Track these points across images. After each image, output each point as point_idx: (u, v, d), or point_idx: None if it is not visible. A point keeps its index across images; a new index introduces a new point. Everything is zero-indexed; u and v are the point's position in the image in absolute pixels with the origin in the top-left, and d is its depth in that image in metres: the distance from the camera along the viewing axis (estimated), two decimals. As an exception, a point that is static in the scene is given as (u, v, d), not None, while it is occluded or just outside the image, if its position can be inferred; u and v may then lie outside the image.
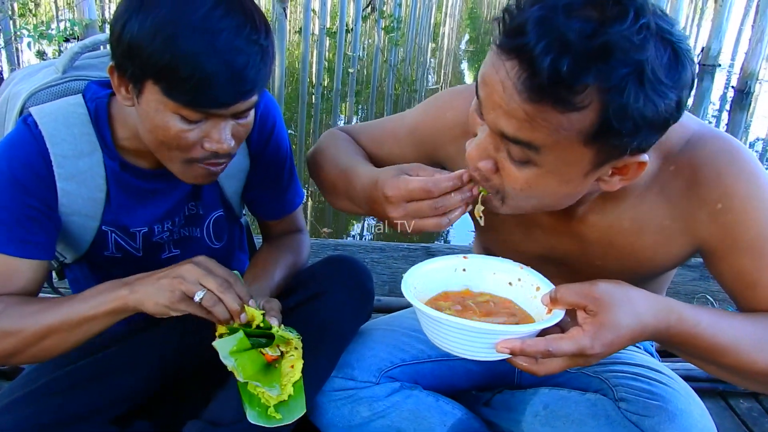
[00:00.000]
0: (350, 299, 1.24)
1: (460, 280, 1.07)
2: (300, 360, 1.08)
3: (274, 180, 1.34)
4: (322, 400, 1.26)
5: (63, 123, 1.11)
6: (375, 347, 1.30)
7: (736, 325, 0.91)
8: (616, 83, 0.75)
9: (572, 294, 0.86)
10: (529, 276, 1.03)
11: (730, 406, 1.73)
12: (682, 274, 2.39)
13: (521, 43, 0.76)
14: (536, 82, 0.76)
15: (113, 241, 1.21)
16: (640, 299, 0.85)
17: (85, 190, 1.14)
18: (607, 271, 1.09)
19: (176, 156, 1.04)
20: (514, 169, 0.87)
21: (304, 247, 1.40)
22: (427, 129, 1.22)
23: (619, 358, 1.28)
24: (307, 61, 9.89)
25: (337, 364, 1.26)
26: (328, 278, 1.24)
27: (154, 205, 1.22)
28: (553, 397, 1.24)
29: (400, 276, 1.01)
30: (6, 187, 1.07)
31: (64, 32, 6.66)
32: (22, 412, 1.11)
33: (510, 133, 0.83)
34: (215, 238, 1.33)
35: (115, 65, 1.00)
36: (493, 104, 0.83)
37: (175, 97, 0.95)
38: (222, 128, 1.01)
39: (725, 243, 0.99)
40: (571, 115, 0.78)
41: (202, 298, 1.01)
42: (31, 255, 1.09)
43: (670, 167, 0.99)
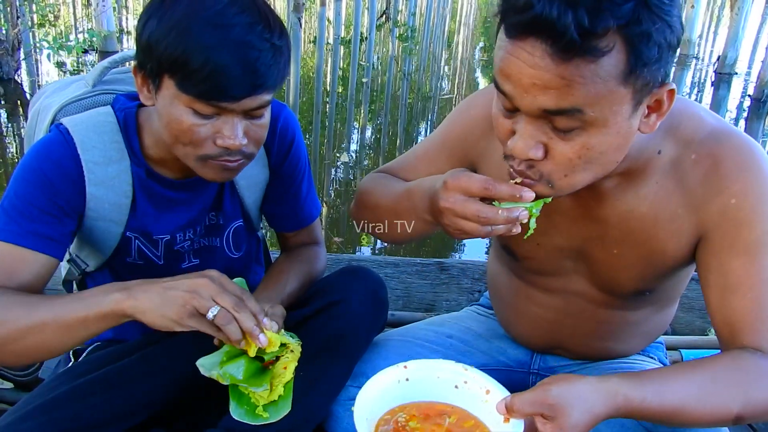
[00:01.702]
0: (366, 308, 1.25)
1: (405, 393, 1.04)
2: (294, 362, 1.08)
3: (292, 193, 1.36)
4: (338, 409, 1.26)
5: (93, 130, 1.14)
6: (390, 357, 1.31)
7: (680, 388, 0.92)
8: (631, 16, 0.78)
9: (528, 404, 0.89)
10: (476, 377, 1.02)
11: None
12: (696, 290, 2.37)
13: (535, 17, 0.78)
14: (563, 44, 0.78)
15: (136, 247, 1.23)
16: (589, 393, 0.88)
17: (112, 195, 1.17)
18: (623, 261, 1.10)
19: (190, 152, 1.06)
20: (564, 143, 0.88)
21: (320, 260, 1.42)
22: (456, 134, 1.23)
23: (633, 368, 1.29)
24: (322, 70, 9.95)
25: (352, 373, 1.27)
26: (344, 287, 1.25)
27: (177, 214, 1.24)
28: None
29: (414, 291, 1.01)
30: (34, 182, 1.10)
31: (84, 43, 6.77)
32: (41, 419, 1.11)
33: (552, 106, 0.84)
34: (234, 248, 1.35)
35: (137, 64, 1.05)
36: (525, 88, 0.84)
37: (188, 89, 0.99)
38: (233, 124, 1.03)
39: (726, 239, 1.00)
40: (603, 60, 0.80)
41: (215, 316, 0.99)
42: (45, 249, 1.10)
43: (692, 156, 1.01)
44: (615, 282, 1.15)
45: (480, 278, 2.35)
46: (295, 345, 1.09)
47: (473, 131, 1.20)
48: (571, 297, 1.22)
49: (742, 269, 0.98)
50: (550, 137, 0.88)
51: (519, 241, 1.18)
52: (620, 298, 1.19)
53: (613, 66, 0.80)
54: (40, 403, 1.15)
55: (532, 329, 1.32)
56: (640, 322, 1.26)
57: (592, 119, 0.84)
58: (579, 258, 1.16)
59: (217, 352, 1.04)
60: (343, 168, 5.39)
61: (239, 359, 1.07)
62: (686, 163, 1.01)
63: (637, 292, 1.16)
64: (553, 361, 1.38)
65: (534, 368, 1.39)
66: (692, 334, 2.21)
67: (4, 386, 1.57)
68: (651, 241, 1.07)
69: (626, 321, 1.25)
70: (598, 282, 1.18)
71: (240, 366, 1.06)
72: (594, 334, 1.27)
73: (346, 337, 1.22)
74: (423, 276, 2.33)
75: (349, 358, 1.25)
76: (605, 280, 1.16)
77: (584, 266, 1.17)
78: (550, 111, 0.85)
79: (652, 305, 1.24)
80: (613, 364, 1.32)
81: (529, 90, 0.84)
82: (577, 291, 1.21)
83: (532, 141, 0.88)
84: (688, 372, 0.95)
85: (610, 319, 1.23)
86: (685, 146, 1.01)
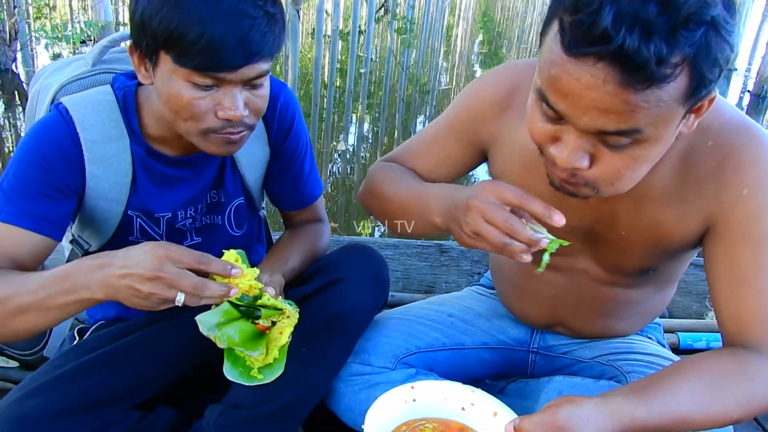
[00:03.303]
0: (367, 286, 1.26)
1: (412, 413, 1.04)
2: (290, 327, 1.08)
3: (294, 172, 1.38)
4: (339, 385, 1.28)
5: (92, 109, 1.14)
6: (391, 335, 1.33)
7: (683, 399, 0.93)
8: (701, 42, 0.76)
9: (537, 426, 0.89)
10: (483, 400, 1.03)
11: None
12: (693, 274, 2.39)
13: (616, 49, 0.75)
14: (639, 75, 0.76)
15: (138, 226, 1.24)
16: (596, 415, 0.89)
17: (112, 174, 1.17)
18: (630, 242, 1.11)
19: (192, 127, 1.06)
20: (613, 154, 0.86)
21: (324, 236, 1.43)
22: (466, 118, 1.23)
23: (632, 348, 1.30)
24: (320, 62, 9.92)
25: (354, 350, 1.29)
26: (346, 265, 1.26)
27: (178, 192, 1.25)
28: (567, 384, 1.26)
29: (413, 273, 1.02)
30: (31, 163, 1.10)
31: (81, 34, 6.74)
32: (47, 396, 1.13)
33: (612, 128, 0.82)
34: (236, 226, 1.36)
35: (133, 43, 1.05)
36: (584, 110, 0.81)
37: (184, 63, 0.99)
38: (233, 95, 1.03)
39: (736, 230, 1.00)
40: (669, 86, 0.78)
41: (183, 302, 0.97)
42: (41, 230, 1.10)
43: (708, 142, 1.00)
44: (620, 261, 1.17)
45: (480, 260, 2.36)
46: (291, 311, 1.09)
47: (484, 114, 1.19)
48: (575, 275, 1.23)
49: (751, 261, 0.98)
50: (598, 149, 0.86)
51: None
52: (624, 276, 1.20)
53: (676, 90, 0.79)
54: (46, 380, 1.16)
55: (534, 306, 1.34)
56: (640, 301, 1.28)
57: (648, 137, 0.83)
58: (587, 238, 1.17)
59: (216, 309, 1.04)
60: (341, 159, 5.39)
61: (236, 322, 1.08)
62: (702, 150, 1.01)
63: (641, 270, 1.18)
64: (553, 339, 1.40)
65: (533, 347, 1.41)
66: (689, 317, 2.23)
67: (9, 365, 1.58)
68: (660, 224, 1.08)
69: (627, 299, 1.26)
70: (603, 261, 1.19)
71: (237, 329, 1.07)
72: (595, 311, 1.28)
73: (348, 315, 1.23)
74: (423, 258, 2.34)
75: (350, 335, 1.26)
76: (611, 260, 1.18)
77: (591, 246, 1.18)
78: (607, 132, 0.83)
79: (653, 284, 1.26)
80: (611, 343, 1.34)
81: (588, 112, 0.81)
82: (581, 269, 1.22)
83: (580, 152, 0.87)
84: (692, 379, 0.95)
85: (612, 296, 1.25)
86: (702, 133, 0.99)
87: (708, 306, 2.32)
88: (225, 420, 1.19)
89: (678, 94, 0.79)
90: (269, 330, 1.10)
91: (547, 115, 0.88)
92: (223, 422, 1.19)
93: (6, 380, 1.56)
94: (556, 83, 0.82)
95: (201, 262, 0.97)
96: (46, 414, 1.11)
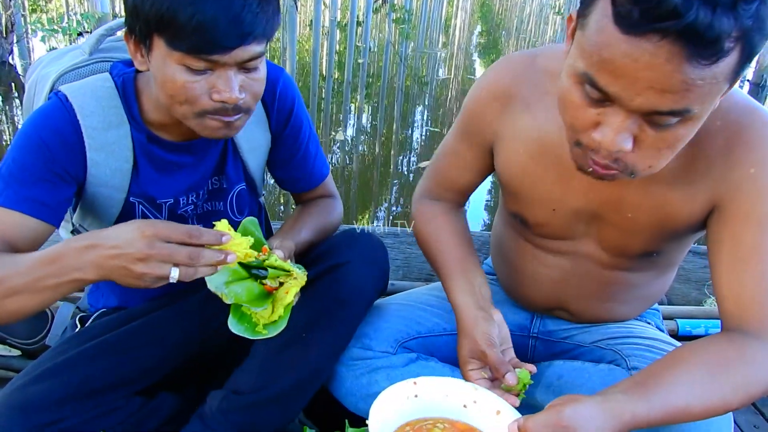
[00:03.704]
0: (369, 271, 1.27)
1: (415, 410, 1.04)
2: (296, 288, 1.09)
3: (300, 157, 1.39)
4: (341, 369, 1.29)
5: (92, 96, 1.14)
6: (391, 320, 1.33)
7: (683, 391, 0.93)
8: (756, 14, 0.75)
9: (541, 425, 0.88)
10: (486, 397, 1.03)
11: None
12: (692, 262, 2.40)
13: (687, 25, 0.72)
14: (708, 51, 0.74)
15: (140, 213, 1.24)
16: (599, 413, 0.89)
17: (113, 161, 1.17)
18: (635, 224, 1.11)
19: (188, 110, 1.06)
20: (656, 134, 0.85)
21: (336, 211, 1.45)
22: (470, 121, 1.24)
23: (632, 333, 1.31)
24: (318, 54, 9.90)
25: (355, 335, 1.29)
26: (346, 250, 1.26)
27: (180, 178, 1.25)
28: (567, 368, 1.26)
29: (413, 261, 1.02)
30: (31, 149, 1.10)
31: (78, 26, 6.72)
32: (49, 382, 1.14)
33: (666, 108, 0.80)
34: (237, 211, 1.37)
35: (128, 29, 1.05)
36: (639, 90, 0.79)
37: (177, 45, 0.99)
38: (228, 78, 1.03)
39: (740, 209, 1.00)
40: (724, 62, 0.76)
41: (178, 278, 0.94)
42: (40, 215, 1.10)
43: (717, 122, 1.00)
44: (624, 244, 1.17)
45: (479, 249, 2.36)
46: (299, 273, 1.10)
47: (486, 113, 1.20)
48: (578, 258, 1.24)
49: (754, 240, 0.98)
50: (642, 130, 0.85)
51: (533, 208, 1.20)
52: (627, 259, 1.20)
53: (728, 66, 0.77)
54: (49, 367, 1.17)
55: (536, 289, 1.34)
56: (641, 285, 1.29)
57: (693, 115, 0.83)
58: (592, 221, 1.17)
59: (224, 268, 1.05)
60: (340, 150, 5.39)
61: (244, 281, 1.09)
62: (710, 130, 1.00)
63: (645, 253, 1.18)
64: (553, 324, 1.40)
65: (533, 332, 1.42)
66: (688, 305, 2.24)
67: (11, 354, 1.59)
68: (666, 205, 1.08)
69: (628, 282, 1.27)
70: (606, 244, 1.19)
71: (244, 287, 1.08)
72: (596, 294, 1.29)
73: (349, 299, 1.23)
74: (423, 247, 2.34)
75: (351, 320, 1.27)
76: (615, 243, 1.18)
77: (596, 229, 1.18)
78: (659, 112, 0.81)
79: (654, 269, 1.26)
80: (611, 327, 1.34)
81: (643, 92, 0.79)
82: (585, 253, 1.23)
83: (626, 134, 0.85)
84: (692, 370, 0.95)
85: (614, 280, 1.25)
86: (711, 114, 0.97)
87: (707, 293, 2.32)
88: (227, 405, 1.20)
89: (729, 70, 0.78)
90: (276, 290, 1.11)
91: (591, 98, 0.85)
92: (226, 407, 1.20)
93: (8, 369, 1.57)
94: (608, 65, 0.80)
95: (191, 235, 0.95)
96: (48, 400, 1.12)
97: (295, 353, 1.20)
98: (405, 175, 5.05)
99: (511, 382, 1.05)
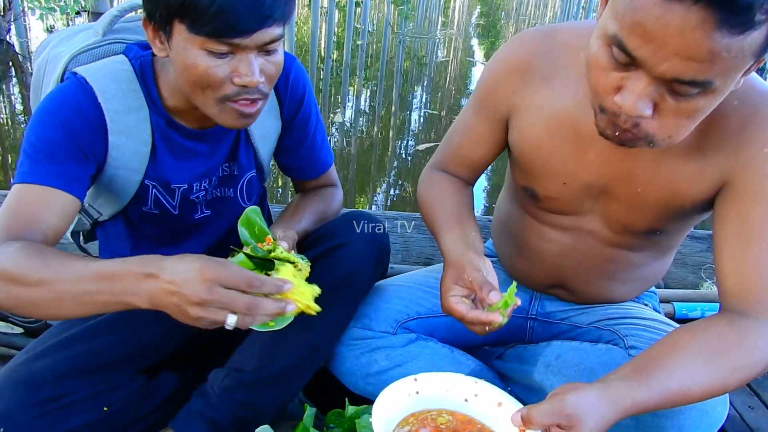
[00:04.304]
0: (369, 251, 1.27)
1: (416, 405, 1.05)
2: (301, 279, 1.09)
3: (308, 145, 1.39)
4: (341, 349, 1.30)
5: (111, 79, 1.14)
6: (391, 300, 1.34)
7: (683, 374, 0.94)
8: None
9: (545, 414, 0.89)
10: (487, 390, 1.03)
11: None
12: (689, 246, 2.41)
13: None
14: (738, 18, 0.74)
15: (153, 196, 1.25)
16: (601, 400, 0.90)
17: (133, 144, 1.17)
18: (644, 200, 1.12)
19: (209, 96, 1.07)
20: (677, 104, 0.86)
21: (336, 199, 1.46)
22: (485, 93, 1.24)
23: (629, 314, 1.32)
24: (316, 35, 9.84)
25: (355, 315, 1.31)
26: (347, 231, 1.27)
27: (195, 164, 1.25)
28: (565, 348, 1.28)
29: (412, 245, 1.02)
30: (55, 126, 1.09)
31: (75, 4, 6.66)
32: (53, 357, 1.15)
33: (688, 77, 0.81)
34: (247, 198, 1.38)
35: (146, 16, 1.05)
36: (666, 56, 0.79)
37: (199, 30, 0.99)
38: (249, 61, 1.03)
39: (750, 187, 1.01)
40: (752, 35, 0.77)
41: (235, 325, 0.90)
42: (71, 189, 1.09)
43: (734, 102, 1.01)
44: (630, 221, 1.18)
45: (478, 232, 2.36)
46: (303, 264, 1.11)
47: (503, 84, 1.20)
48: (581, 235, 1.25)
49: (760, 219, 0.99)
50: (663, 98, 0.86)
51: (545, 181, 1.21)
52: (631, 236, 1.22)
53: (755, 41, 0.77)
54: (53, 343, 1.19)
55: (537, 264, 1.35)
56: (640, 265, 1.30)
57: (716, 88, 0.83)
58: (600, 197, 1.18)
59: (231, 259, 1.06)
60: (338, 133, 5.38)
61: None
62: (727, 108, 1.01)
63: (649, 231, 1.19)
64: (551, 306, 1.42)
65: (532, 313, 1.43)
66: (685, 289, 2.25)
67: (14, 331, 1.60)
68: (677, 180, 1.09)
69: (629, 262, 1.28)
70: (612, 221, 1.20)
71: None
72: (596, 271, 1.30)
73: (349, 279, 1.24)
74: (422, 230, 2.34)
75: (351, 299, 1.28)
76: (620, 219, 1.19)
77: (602, 206, 1.19)
78: (682, 81, 0.82)
79: (655, 249, 1.28)
80: (608, 308, 1.36)
81: (669, 59, 0.79)
82: (589, 229, 1.24)
83: (646, 100, 0.86)
84: (691, 354, 0.96)
85: (615, 257, 1.27)
86: (729, 93, 0.97)
87: (704, 277, 2.34)
88: (229, 383, 1.21)
89: (756, 46, 0.79)
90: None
91: (618, 62, 0.86)
92: (227, 385, 1.21)
93: (10, 347, 1.58)
94: (638, 28, 0.80)
95: (252, 285, 0.90)
96: (51, 375, 1.13)
97: (296, 332, 1.20)
98: (403, 158, 5.05)
99: (493, 299, 1.02)
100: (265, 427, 1.22)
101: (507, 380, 1.38)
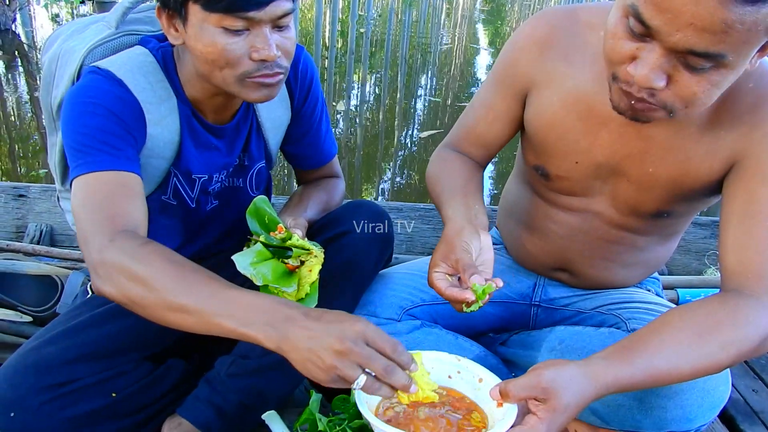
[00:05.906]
0: (372, 239, 1.28)
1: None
2: (318, 265, 1.12)
3: (313, 133, 1.40)
4: (346, 336, 1.31)
5: (139, 72, 1.14)
6: (396, 287, 1.35)
7: (671, 352, 0.93)
8: None
9: (521, 388, 0.89)
10: (469, 367, 1.03)
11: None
12: (693, 233, 2.41)
13: None
14: None
15: (173, 185, 1.26)
16: (579, 376, 0.90)
17: (166, 133, 1.18)
18: (654, 180, 1.13)
19: (229, 75, 1.08)
20: (690, 77, 0.87)
21: (339, 190, 1.47)
22: (503, 68, 1.25)
23: (632, 298, 1.33)
24: (321, 23, 9.81)
25: (360, 302, 1.32)
26: (351, 219, 1.28)
27: (215, 156, 1.27)
28: (568, 333, 1.29)
29: (417, 235, 1.02)
30: (102, 114, 1.07)
31: (79, -7, 6.67)
32: (63, 343, 1.17)
33: (701, 49, 0.82)
34: (255, 187, 1.39)
35: (160, 4, 1.06)
36: (680, 26, 0.81)
37: (214, 7, 1.01)
38: (265, 35, 1.05)
39: (760, 167, 1.02)
40: (764, 7, 0.77)
41: (362, 386, 0.86)
42: (136, 170, 1.09)
43: (750, 83, 1.02)
44: (638, 202, 1.19)
45: (483, 218, 2.37)
46: (317, 251, 1.13)
47: (522, 59, 1.21)
48: (588, 216, 1.26)
49: (767, 199, 1.00)
50: (677, 70, 0.87)
51: (557, 159, 1.21)
52: (638, 218, 1.22)
53: None
54: (62, 329, 1.20)
55: (542, 246, 1.36)
56: (645, 249, 1.30)
57: (728, 63, 0.84)
58: (610, 177, 1.18)
59: (249, 249, 1.08)
60: (343, 121, 5.37)
61: (268, 261, 1.12)
62: (742, 89, 1.02)
63: (656, 213, 1.20)
64: (554, 292, 1.42)
65: (535, 300, 1.44)
66: (688, 275, 2.26)
67: (23, 320, 1.62)
68: (688, 160, 1.09)
69: (634, 245, 1.29)
70: (620, 202, 1.21)
71: (269, 268, 1.11)
72: (601, 254, 1.31)
73: (354, 266, 1.26)
74: (426, 221, 2.36)
75: (357, 286, 1.30)
76: (629, 201, 1.19)
77: (611, 187, 1.20)
78: (695, 53, 0.83)
79: (660, 234, 1.28)
80: (611, 294, 1.37)
81: (683, 29, 0.81)
82: (596, 211, 1.24)
83: (660, 71, 0.87)
84: (679, 333, 0.95)
85: (620, 240, 1.27)
86: (745, 75, 0.97)
87: (707, 263, 2.34)
88: (235, 370, 1.23)
89: None
90: (298, 269, 1.14)
91: (634, 31, 0.87)
92: (234, 371, 1.23)
93: (19, 335, 1.60)
94: None
95: (395, 350, 0.87)
96: (60, 360, 1.14)
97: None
98: (408, 146, 5.04)
99: (477, 281, 1.01)
100: (272, 412, 1.23)
101: (511, 366, 1.39)
